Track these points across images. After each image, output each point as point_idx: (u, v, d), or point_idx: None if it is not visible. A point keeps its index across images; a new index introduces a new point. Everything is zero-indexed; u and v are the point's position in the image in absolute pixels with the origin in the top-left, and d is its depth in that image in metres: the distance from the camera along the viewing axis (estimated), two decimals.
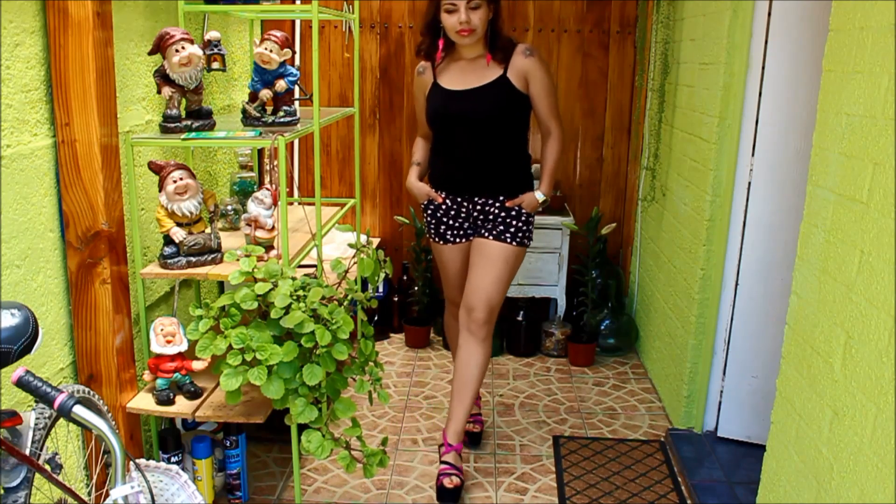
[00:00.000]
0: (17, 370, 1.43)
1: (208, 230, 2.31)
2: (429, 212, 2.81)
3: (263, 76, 2.39)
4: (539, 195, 2.70)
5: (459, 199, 2.72)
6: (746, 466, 2.80)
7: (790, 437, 1.98)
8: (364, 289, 2.62)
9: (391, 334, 4.19)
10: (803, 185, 1.98)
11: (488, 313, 2.71)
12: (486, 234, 2.72)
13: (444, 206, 2.75)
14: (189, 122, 2.30)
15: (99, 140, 2.07)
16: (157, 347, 2.26)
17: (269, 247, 2.33)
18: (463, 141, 2.66)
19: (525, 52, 2.58)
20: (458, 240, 2.80)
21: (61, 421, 1.87)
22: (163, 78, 2.26)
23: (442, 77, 2.68)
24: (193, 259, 2.28)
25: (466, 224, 2.77)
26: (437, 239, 2.82)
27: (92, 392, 1.86)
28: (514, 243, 2.69)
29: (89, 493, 2.10)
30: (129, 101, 2.43)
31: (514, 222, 2.69)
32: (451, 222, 2.77)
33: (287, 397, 2.15)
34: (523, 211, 2.69)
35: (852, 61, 1.74)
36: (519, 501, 2.68)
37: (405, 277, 4.11)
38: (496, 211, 2.69)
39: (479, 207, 2.71)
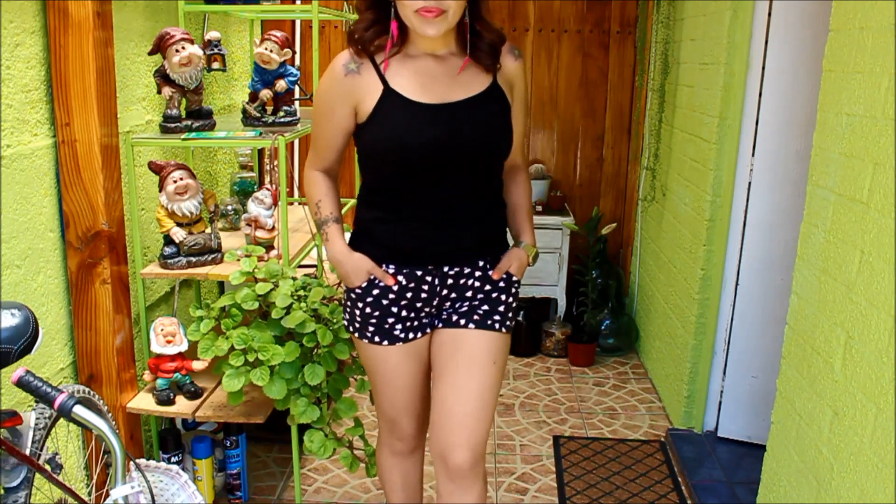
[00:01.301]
0: (17, 370, 1.43)
1: (208, 230, 2.31)
2: (368, 299, 1.78)
3: (263, 76, 2.39)
4: (527, 247, 1.90)
5: (420, 273, 1.76)
6: (746, 466, 2.80)
7: (790, 437, 1.98)
8: None
9: None
10: (803, 185, 1.98)
11: (477, 454, 1.77)
12: (462, 321, 1.80)
13: (395, 288, 1.77)
14: (189, 122, 2.30)
15: (99, 140, 2.07)
16: (157, 347, 2.26)
17: (269, 247, 2.33)
18: (437, 186, 1.72)
19: (514, 53, 1.78)
20: (411, 335, 1.81)
21: (61, 421, 1.87)
22: (163, 78, 2.26)
23: (398, 82, 1.69)
24: (193, 259, 2.28)
25: (427, 310, 1.82)
26: (378, 338, 1.80)
27: (92, 392, 1.86)
28: (503, 330, 1.82)
29: (89, 493, 2.10)
30: (129, 101, 2.43)
31: (502, 297, 1.83)
32: (403, 312, 1.79)
33: (289, 397, 2.15)
34: (514, 279, 1.85)
35: (852, 61, 1.74)
36: (519, 501, 2.68)
37: None
38: (477, 284, 1.80)
39: (450, 282, 1.78)
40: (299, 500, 2.46)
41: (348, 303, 1.84)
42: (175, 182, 2.19)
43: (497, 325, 1.81)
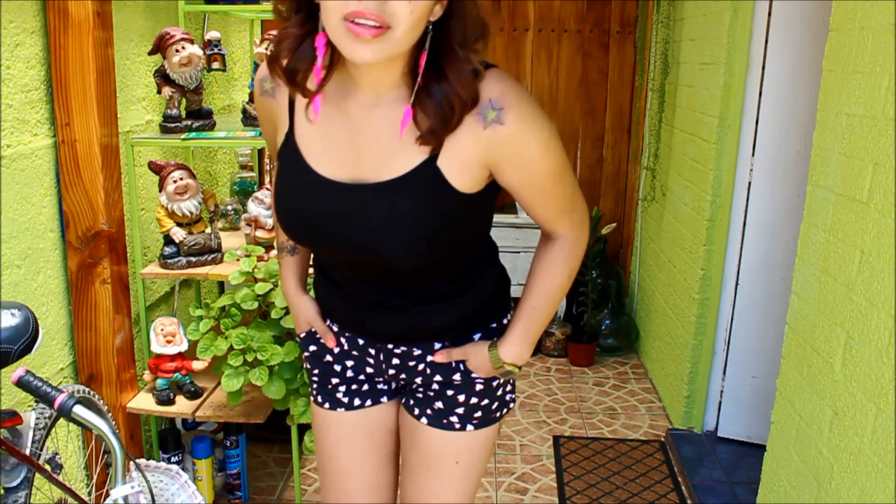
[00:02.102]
0: (17, 370, 1.43)
1: (208, 230, 2.31)
2: (305, 354, 1.48)
3: None
4: (501, 356, 1.33)
5: (362, 343, 1.39)
6: (746, 466, 2.80)
7: (790, 437, 1.98)
8: None
9: None
10: (803, 185, 1.98)
11: None
12: (416, 410, 1.41)
13: (336, 350, 1.43)
14: (189, 122, 2.30)
15: (99, 140, 2.07)
16: (157, 347, 2.26)
17: (269, 247, 2.33)
18: (354, 273, 1.32)
19: (485, 117, 1.11)
20: (357, 401, 1.44)
21: (61, 421, 1.87)
22: (163, 78, 2.26)
23: (306, 130, 1.22)
24: (193, 259, 2.28)
25: (382, 376, 1.43)
26: (321, 399, 1.46)
27: (92, 392, 1.86)
28: (467, 427, 1.39)
29: (89, 493, 2.10)
30: (129, 101, 2.43)
31: (459, 396, 1.37)
32: (349, 373, 1.44)
33: (288, 397, 2.15)
34: (474, 375, 1.37)
35: (852, 61, 1.74)
36: (519, 501, 2.68)
37: None
38: (428, 371, 1.37)
39: (396, 361, 1.38)
40: (299, 500, 2.45)
41: (300, 343, 1.51)
42: (175, 182, 2.19)
43: (457, 425, 1.38)
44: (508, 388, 1.43)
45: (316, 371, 1.46)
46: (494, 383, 1.38)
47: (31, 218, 1.99)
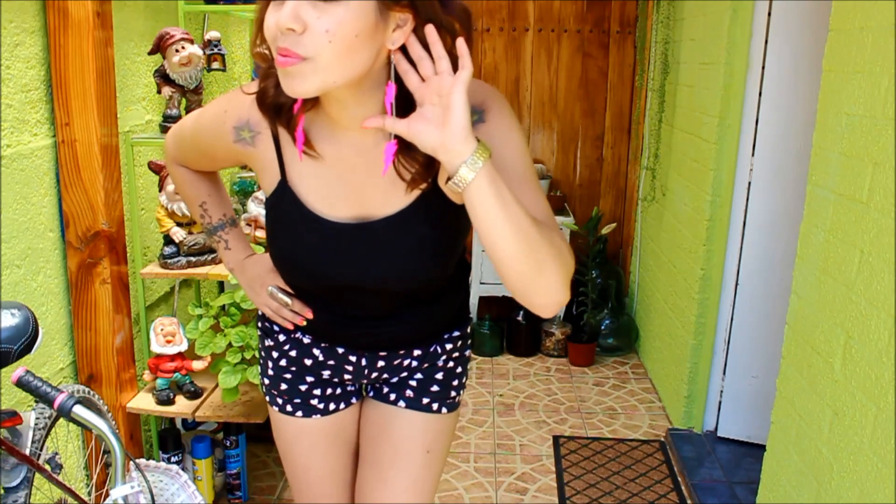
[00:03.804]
0: (17, 370, 1.43)
1: None
2: (274, 355, 1.44)
3: None
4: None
5: (342, 352, 1.39)
6: (746, 466, 2.80)
7: (790, 437, 1.98)
8: None
9: None
10: (803, 185, 1.98)
11: None
12: (393, 395, 1.44)
13: (308, 363, 1.42)
14: None
15: (99, 140, 2.07)
16: (157, 347, 2.26)
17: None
18: (357, 305, 1.32)
19: (471, 118, 0.99)
20: (332, 405, 1.45)
21: (61, 421, 1.87)
22: (163, 78, 2.26)
23: (300, 172, 1.20)
24: (193, 259, 2.28)
25: (361, 380, 1.44)
26: (290, 407, 1.44)
27: (92, 392, 1.86)
28: (442, 410, 1.43)
29: (89, 493, 2.10)
30: (129, 101, 2.43)
31: (440, 373, 1.42)
32: (325, 373, 1.42)
33: None
34: (460, 344, 1.44)
35: (852, 61, 1.74)
36: (519, 501, 2.68)
37: None
38: (415, 364, 1.41)
39: (381, 363, 1.40)
40: None
41: (262, 350, 1.47)
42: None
43: (435, 405, 1.42)
44: (465, 371, 1.49)
45: (293, 368, 1.42)
46: (455, 354, 1.43)
47: (30, 218, 1.99)
